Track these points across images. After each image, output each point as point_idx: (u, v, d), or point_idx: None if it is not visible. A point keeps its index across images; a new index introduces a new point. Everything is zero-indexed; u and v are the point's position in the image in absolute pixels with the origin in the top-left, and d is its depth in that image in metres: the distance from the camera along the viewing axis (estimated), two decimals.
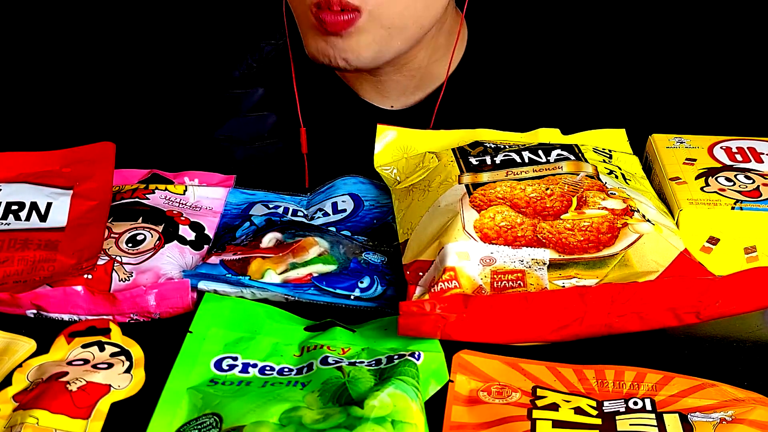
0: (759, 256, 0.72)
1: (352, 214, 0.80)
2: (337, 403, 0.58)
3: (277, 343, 0.65)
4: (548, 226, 0.69)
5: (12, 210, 0.76)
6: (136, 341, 0.65)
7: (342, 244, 0.74)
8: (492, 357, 0.63)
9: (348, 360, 0.62)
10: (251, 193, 0.83)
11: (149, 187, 0.81)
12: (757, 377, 0.62)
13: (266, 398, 0.58)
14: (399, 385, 0.57)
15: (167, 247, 0.74)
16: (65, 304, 0.68)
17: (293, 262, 0.72)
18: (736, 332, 0.67)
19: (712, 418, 0.56)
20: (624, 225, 0.68)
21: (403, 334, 0.63)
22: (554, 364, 0.63)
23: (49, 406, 0.58)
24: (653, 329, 0.64)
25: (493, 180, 0.74)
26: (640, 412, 0.57)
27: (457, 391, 0.60)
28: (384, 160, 0.84)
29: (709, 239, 0.72)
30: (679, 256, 0.67)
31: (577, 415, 0.57)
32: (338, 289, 0.70)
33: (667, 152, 0.81)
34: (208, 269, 0.71)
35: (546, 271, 0.66)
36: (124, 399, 0.61)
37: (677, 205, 0.73)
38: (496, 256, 0.67)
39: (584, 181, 0.73)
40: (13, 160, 0.82)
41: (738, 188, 0.75)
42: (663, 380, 0.60)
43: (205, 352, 0.63)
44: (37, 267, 0.71)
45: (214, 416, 0.57)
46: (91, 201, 0.77)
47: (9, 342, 0.65)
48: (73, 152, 0.83)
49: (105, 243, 0.73)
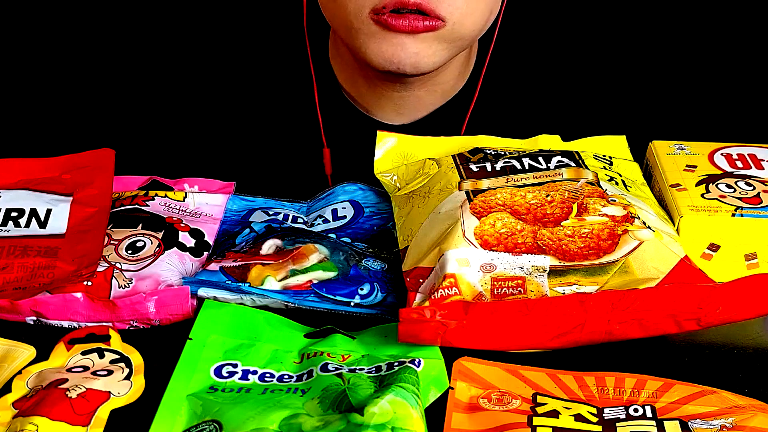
0: (759, 263, 0.72)
1: (352, 220, 0.80)
2: (337, 410, 0.58)
3: (277, 350, 0.65)
4: (548, 233, 0.68)
5: (12, 216, 0.76)
6: (135, 348, 0.65)
7: (342, 251, 0.74)
8: (492, 364, 0.63)
9: (348, 367, 0.62)
10: (251, 200, 0.83)
11: (149, 194, 0.81)
12: (757, 384, 0.62)
13: (266, 405, 0.58)
14: (399, 392, 0.57)
15: (167, 254, 0.74)
16: (65, 311, 0.68)
17: (293, 268, 0.72)
18: (736, 339, 0.67)
19: (712, 425, 0.56)
20: (624, 232, 0.68)
21: (403, 341, 0.63)
22: (554, 371, 0.63)
23: (48, 413, 0.57)
24: (654, 336, 0.64)
25: (493, 187, 0.74)
26: (641, 419, 0.57)
27: (457, 398, 0.60)
28: (384, 166, 0.84)
29: (710, 246, 0.72)
30: (680, 263, 0.66)
31: (577, 422, 0.57)
32: (338, 295, 0.70)
33: (668, 159, 0.81)
34: (208, 276, 0.71)
35: (546, 278, 0.66)
36: (124, 406, 0.61)
37: (678, 212, 0.73)
38: (496, 262, 0.67)
39: (584, 188, 0.73)
40: (12, 166, 0.82)
41: (738, 195, 0.75)
42: (663, 387, 0.60)
43: (205, 359, 0.63)
44: (36, 274, 0.71)
45: (214, 423, 0.57)
46: (90, 208, 0.77)
47: (8, 349, 0.65)
48: (72, 159, 0.83)
49: (105, 250, 0.73)
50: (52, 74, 1.29)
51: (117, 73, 1.23)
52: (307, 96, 1.02)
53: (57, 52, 1.29)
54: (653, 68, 1.19)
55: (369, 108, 1.00)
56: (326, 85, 1.01)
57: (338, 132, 1.01)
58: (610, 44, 1.15)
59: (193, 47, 1.10)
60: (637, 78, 1.14)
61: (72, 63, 1.28)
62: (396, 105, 0.99)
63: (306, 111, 1.02)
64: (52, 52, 1.30)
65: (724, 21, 1.24)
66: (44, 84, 1.29)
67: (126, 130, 1.10)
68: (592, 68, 1.08)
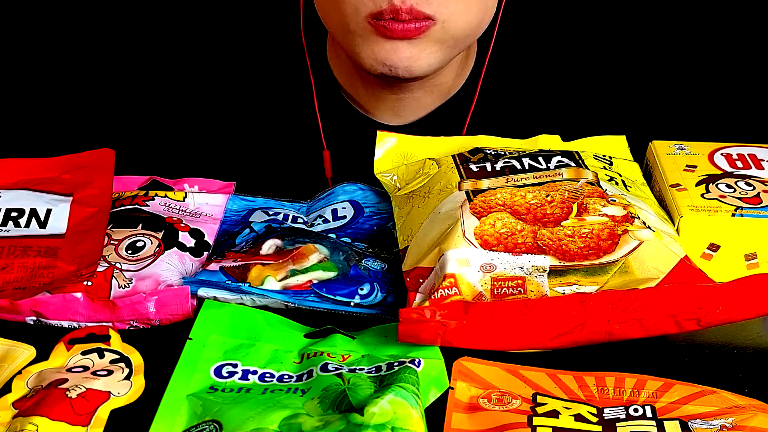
0: (759, 263, 0.72)
1: (352, 220, 0.80)
2: (337, 410, 0.58)
3: (277, 350, 0.65)
4: (548, 233, 0.68)
5: (12, 216, 0.76)
6: (135, 348, 0.65)
7: (342, 251, 0.74)
8: (492, 364, 0.63)
9: (348, 367, 0.62)
10: (251, 200, 0.83)
11: (149, 194, 0.81)
12: (757, 384, 0.62)
13: (266, 405, 0.58)
14: (399, 392, 0.57)
15: (167, 254, 0.74)
16: (65, 311, 0.68)
17: (293, 268, 0.72)
18: (736, 339, 0.67)
19: (712, 425, 0.56)
20: (624, 232, 0.68)
21: (403, 341, 0.63)
22: (554, 371, 0.63)
23: (48, 413, 0.57)
24: (654, 336, 0.64)
25: (493, 187, 0.74)
26: (641, 419, 0.57)
27: (457, 398, 0.60)
28: (384, 166, 0.84)
29: (710, 246, 0.72)
30: (680, 263, 0.66)
31: (577, 422, 0.57)
32: (338, 295, 0.70)
33: (668, 159, 0.81)
34: (208, 276, 0.71)
35: (546, 278, 0.66)
36: (124, 406, 0.61)
37: (678, 212, 0.73)
38: (496, 262, 0.67)
39: (584, 188, 0.73)
40: (12, 166, 0.82)
41: (738, 195, 0.74)
42: (663, 387, 0.60)
43: (205, 359, 0.63)
44: (36, 274, 0.71)
45: (214, 423, 0.57)
46: (90, 208, 0.77)
47: (8, 349, 0.65)
48: (72, 159, 0.83)
49: (105, 250, 0.73)
50: (52, 74, 1.29)
51: (117, 73, 1.23)
52: (307, 96, 1.02)
53: (57, 52, 1.29)
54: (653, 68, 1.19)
55: (368, 108, 1.00)
56: (325, 85, 1.01)
57: (338, 132, 1.01)
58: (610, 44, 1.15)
59: (193, 47, 1.10)
60: (637, 78, 1.14)
61: (72, 63, 1.28)
62: (394, 107, 0.99)
63: (306, 111, 1.02)
64: (52, 52, 1.30)
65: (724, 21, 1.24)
66: (44, 84, 1.29)
67: (126, 130, 1.10)
68: (592, 68, 1.08)
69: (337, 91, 1.01)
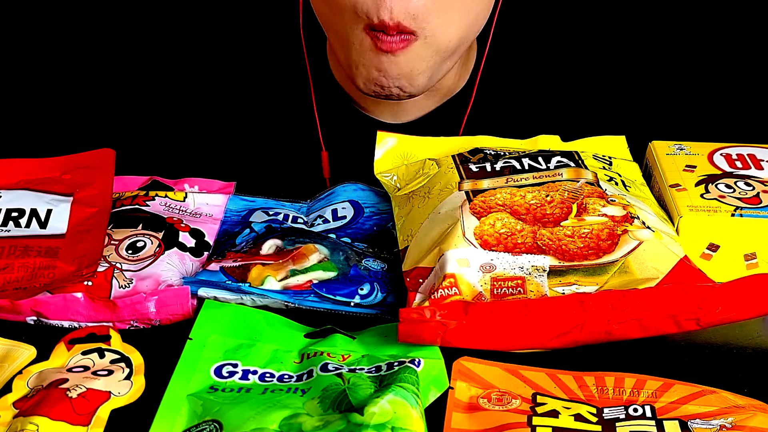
0: (759, 263, 0.72)
1: (352, 220, 0.80)
2: (337, 410, 0.58)
3: (277, 350, 0.65)
4: (548, 233, 0.69)
5: (12, 217, 0.76)
6: (136, 348, 0.65)
7: (342, 251, 0.74)
8: (492, 364, 0.63)
9: (348, 367, 0.62)
10: (251, 200, 0.83)
11: (149, 194, 0.81)
12: (757, 384, 0.62)
13: (266, 405, 0.58)
14: (399, 392, 0.57)
15: (167, 254, 0.74)
16: (65, 311, 0.68)
17: (293, 268, 0.72)
18: (736, 339, 0.67)
19: (712, 425, 0.56)
20: (624, 232, 0.68)
21: (403, 341, 0.63)
22: (554, 371, 0.63)
23: (49, 413, 0.57)
24: (653, 336, 0.64)
25: (493, 187, 0.74)
26: (641, 419, 0.57)
27: (457, 398, 0.60)
28: (384, 167, 0.84)
29: (709, 246, 0.72)
30: (679, 263, 0.67)
31: (577, 421, 0.57)
32: (338, 295, 0.70)
33: (667, 159, 0.81)
34: (208, 276, 0.71)
35: (546, 278, 0.66)
36: (124, 406, 0.61)
37: (677, 212, 0.73)
38: (496, 262, 0.67)
39: (584, 188, 0.73)
40: (13, 166, 0.82)
41: (738, 195, 0.75)
42: (663, 387, 0.60)
43: (205, 359, 0.63)
44: (37, 274, 0.71)
45: (214, 423, 0.57)
46: (91, 208, 0.78)
47: (9, 349, 0.65)
48: (73, 159, 0.83)
49: (105, 250, 0.73)
50: (52, 74, 1.29)
51: (117, 73, 1.23)
52: (307, 96, 1.02)
53: (57, 52, 1.29)
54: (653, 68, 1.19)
55: (368, 108, 1.00)
56: (325, 85, 1.01)
57: (338, 132, 1.01)
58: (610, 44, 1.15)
59: (193, 47, 1.10)
60: (637, 78, 1.14)
61: (72, 63, 1.28)
62: (394, 110, 0.99)
63: (306, 111, 1.02)
64: (52, 52, 1.30)
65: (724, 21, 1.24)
66: (44, 84, 1.29)
67: (126, 130, 1.10)
68: (592, 68, 1.08)
69: (337, 91, 1.01)
